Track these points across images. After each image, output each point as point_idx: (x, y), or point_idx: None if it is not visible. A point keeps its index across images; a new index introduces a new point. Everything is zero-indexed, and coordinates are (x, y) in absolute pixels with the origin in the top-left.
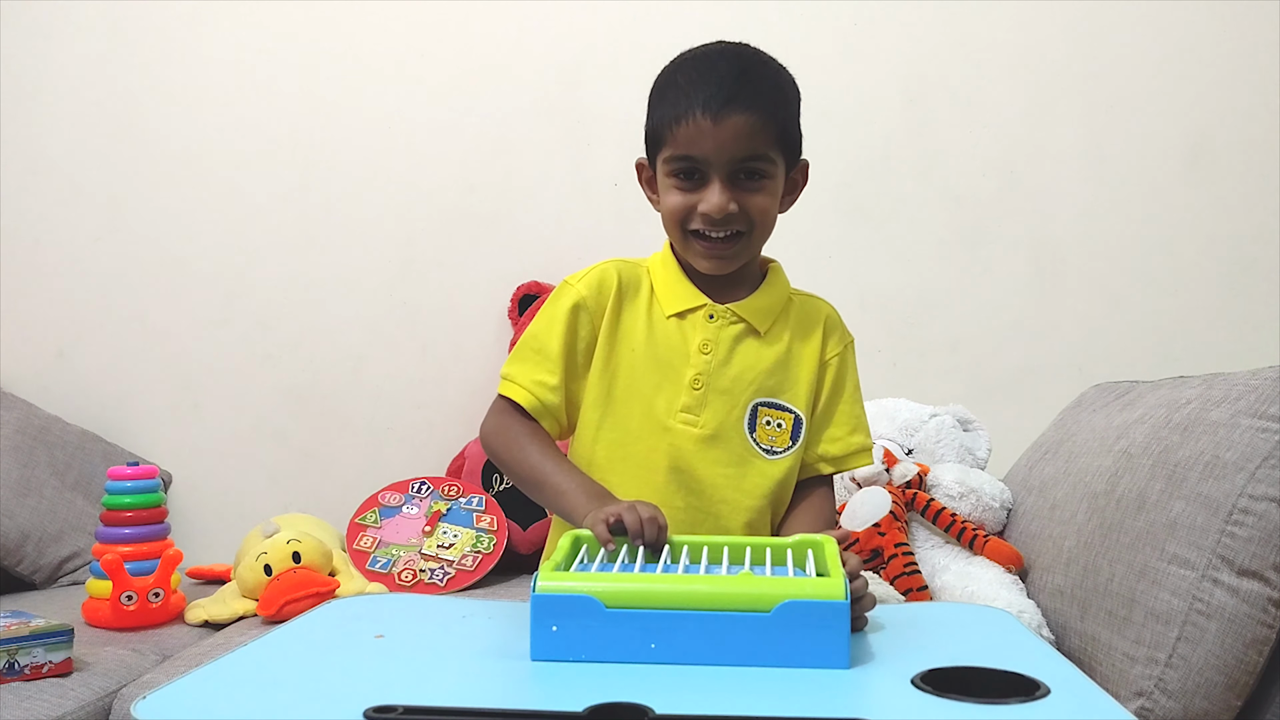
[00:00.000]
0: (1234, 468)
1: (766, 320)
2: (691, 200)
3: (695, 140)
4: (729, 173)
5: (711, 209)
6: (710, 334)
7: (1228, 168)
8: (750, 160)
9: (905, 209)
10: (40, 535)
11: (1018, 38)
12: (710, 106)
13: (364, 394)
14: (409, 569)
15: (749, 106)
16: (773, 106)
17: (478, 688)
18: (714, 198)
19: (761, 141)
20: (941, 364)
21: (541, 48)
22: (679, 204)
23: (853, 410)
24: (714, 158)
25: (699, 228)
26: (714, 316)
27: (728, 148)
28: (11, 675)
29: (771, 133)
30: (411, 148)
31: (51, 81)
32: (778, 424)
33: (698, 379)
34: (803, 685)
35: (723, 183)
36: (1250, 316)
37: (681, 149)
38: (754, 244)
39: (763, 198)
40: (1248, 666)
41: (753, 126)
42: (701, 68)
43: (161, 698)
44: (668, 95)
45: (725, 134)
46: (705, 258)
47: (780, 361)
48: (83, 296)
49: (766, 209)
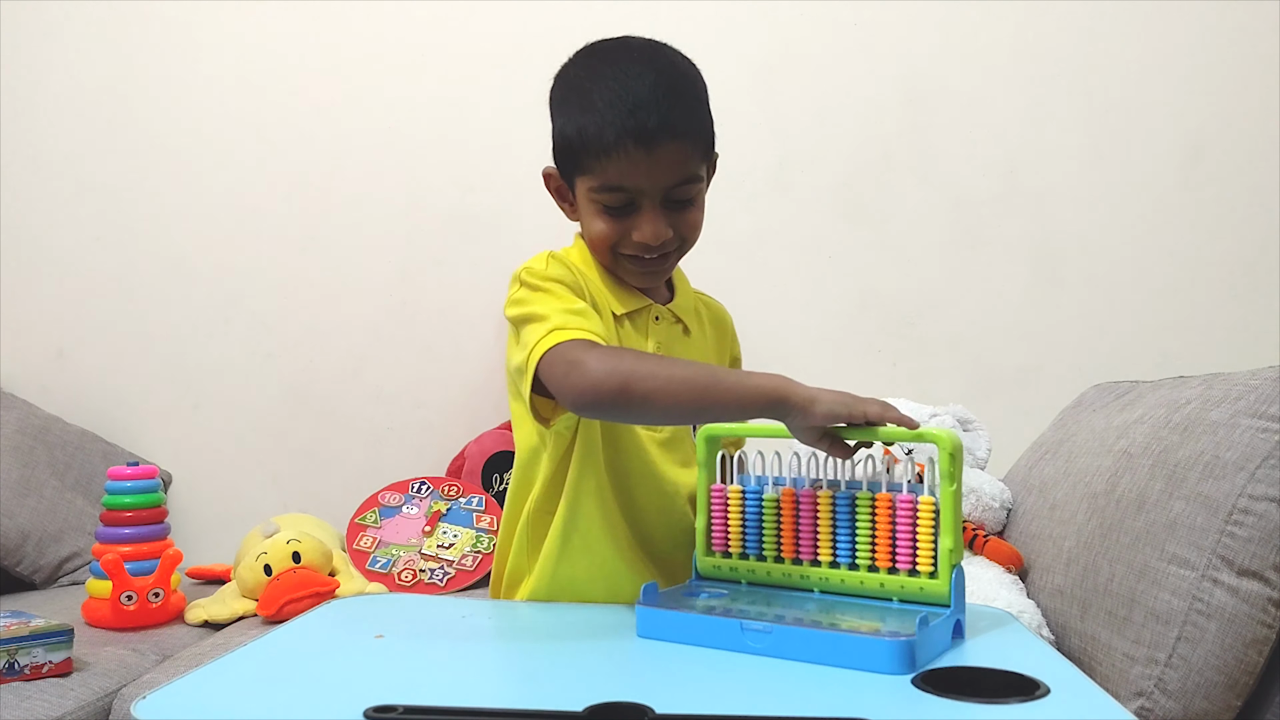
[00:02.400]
0: (1234, 468)
1: (692, 319)
2: (623, 228)
3: (628, 173)
4: (662, 199)
5: (648, 238)
6: (661, 335)
7: (1228, 168)
8: (684, 184)
9: (905, 209)
10: (40, 535)
11: (1018, 38)
12: (642, 139)
13: (364, 394)
14: (409, 569)
15: (681, 132)
16: (698, 123)
17: (478, 688)
18: (649, 227)
19: (693, 162)
20: (941, 364)
21: (541, 48)
22: (609, 232)
23: None
24: (648, 187)
25: (632, 252)
26: (659, 318)
27: (661, 178)
28: (11, 675)
29: (699, 151)
30: (412, 148)
31: (52, 81)
32: None
33: None
34: (803, 685)
35: (656, 210)
36: (1250, 316)
37: (614, 180)
38: (684, 252)
39: (694, 213)
40: (1248, 666)
41: (684, 153)
42: (620, 86)
43: (161, 698)
44: (587, 113)
45: (659, 164)
46: (639, 275)
47: (707, 358)
48: (83, 296)
49: (697, 223)
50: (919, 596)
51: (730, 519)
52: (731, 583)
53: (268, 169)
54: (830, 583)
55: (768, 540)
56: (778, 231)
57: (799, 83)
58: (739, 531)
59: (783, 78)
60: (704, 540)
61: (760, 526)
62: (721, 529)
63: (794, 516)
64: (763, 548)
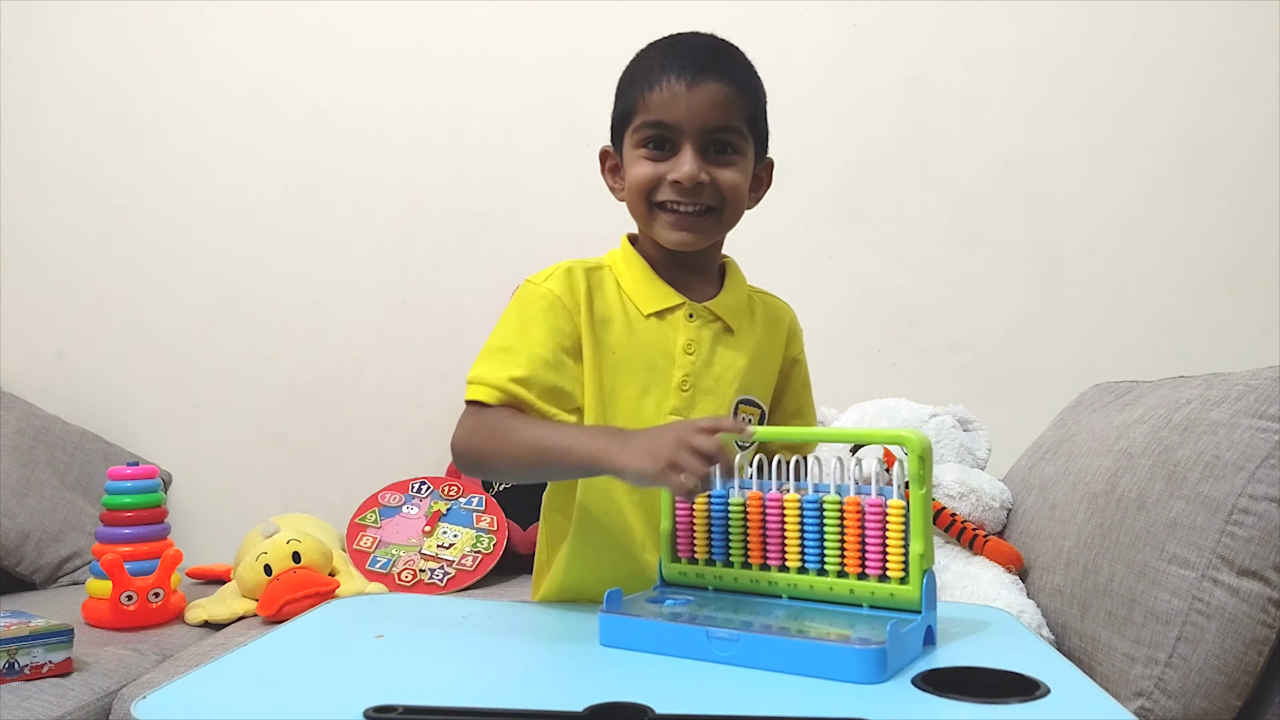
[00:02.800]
0: (1234, 468)
1: (737, 318)
2: (660, 170)
3: (668, 105)
4: (701, 143)
5: (682, 176)
6: (692, 334)
7: (1227, 168)
8: (723, 131)
9: (905, 209)
10: (40, 535)
11: (1018, 39)
12: (685, 73)
13: (364, 394)
14: (409, 569)
15: (723, 76)
16: (745, 84)
17: (477, 688)
18: (685, 165)
19: (734, 114)
20: (941, 364)
21: (542, 47)
22: (647, 174)
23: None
24: (686, 124)
25: (667, 198)
26: (693, 316)
27: (701, 115)
28: (11, 675)
29: (744, 109)
30: (412, 148)
31: (52, 81)
32: (749, 419)
33: (685, 380)
34: (803, 685)
35: (695, 151)
36: (1250, 316)
37: (653, 114)
38: (724, 223)
39: (734, 173)
40: (1248, 666)
41: (727, 96)
42: (676, 43)
43: (161, 698)
44: (638, 72)
45: (699, 100)
46: (673, 229)
47: (753, 359)
48: (83, 296)
49: (737, 186)
50: (889, 602)
51: (696, 524)
52: (698, 589)
53: (268, 169)
54: (799, 589)
55: (734, 545)
56: (778, 231)
57: (799, 83)
58: (705, 537)
59: (783, 78)
60: (669, 546)
61: (727, 531)
62: (687, 534)
63: (761, 521)
64: (729, 553)
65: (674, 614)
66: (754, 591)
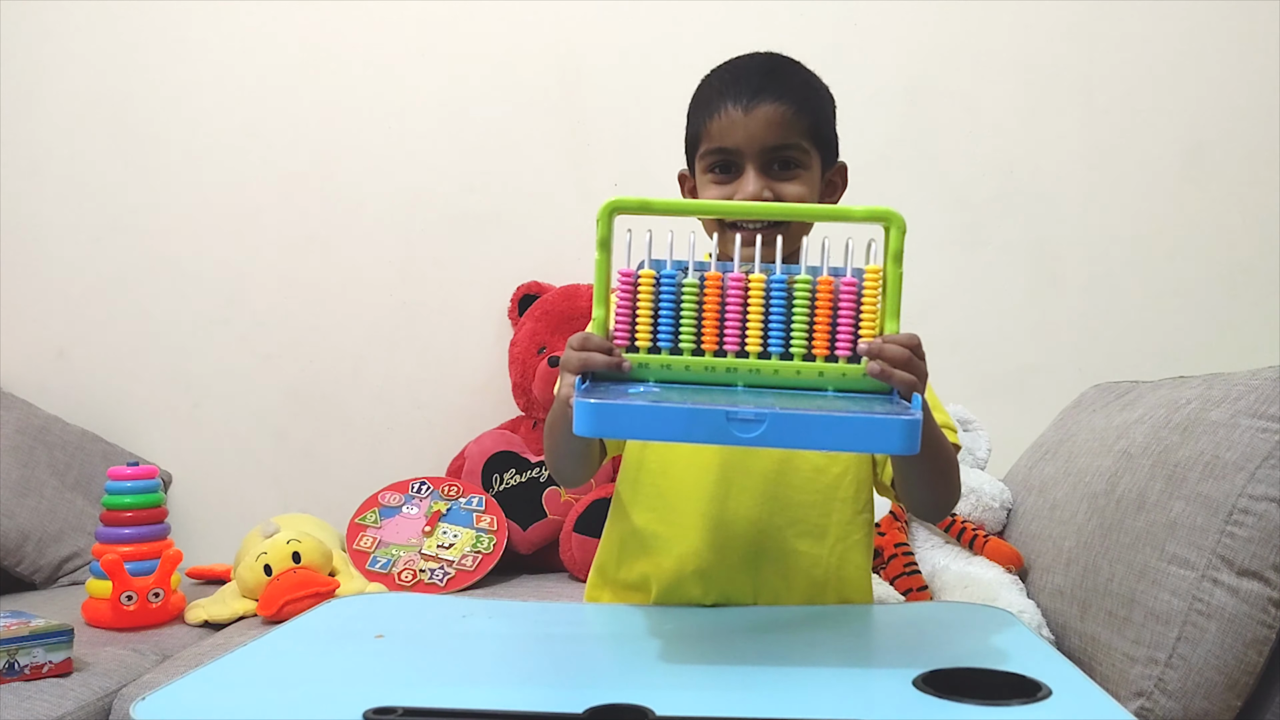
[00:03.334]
0: (1234, 468)
1: None
2: (727, 193)
3: (727, 132)
4: (762, 163)
5: (746, 196)
6: None
7: (1227, 167)
8: (782, 149)
9: (904, 209)
10: (40, 535)
11: (1017, 38)
12: (740, 98)
13: (364, 394)
14: (409, 569)
15: (778, 97)
16: (802, 99)
17: (477, 688)
18: (748, 185)
19: (793, 131)
20: (941, 364)
21: (542, 47)
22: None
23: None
24: (745, 147)
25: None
26: None
27: (758, 136)
28: (11, 675)
29: (803, 124)
30: (411, 148)
31: (51, 81)
32: None
33: None
34: (804, 685)
35: (756, 171)
36: (1250, 316)
37: (715, 142)
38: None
39: (797, 187)
40: (1247, 666)
41: (783, 115)
42: (733, 69)
43: (161, 698)
44: (702, 98)
45: (755, 123)
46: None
47: None
48: (82, 296)
49: (801, 199)
50: (861, 384)
51: (640, 308)
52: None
53: (268, 168)
54: (762, 375)
55: (685, 331)
56: None
57: None
58: (649, 322)
59: None
60: (605, 334)
61: (677, 316)
62: (627, 320)
63: (719, 304)
64: (679, 340)
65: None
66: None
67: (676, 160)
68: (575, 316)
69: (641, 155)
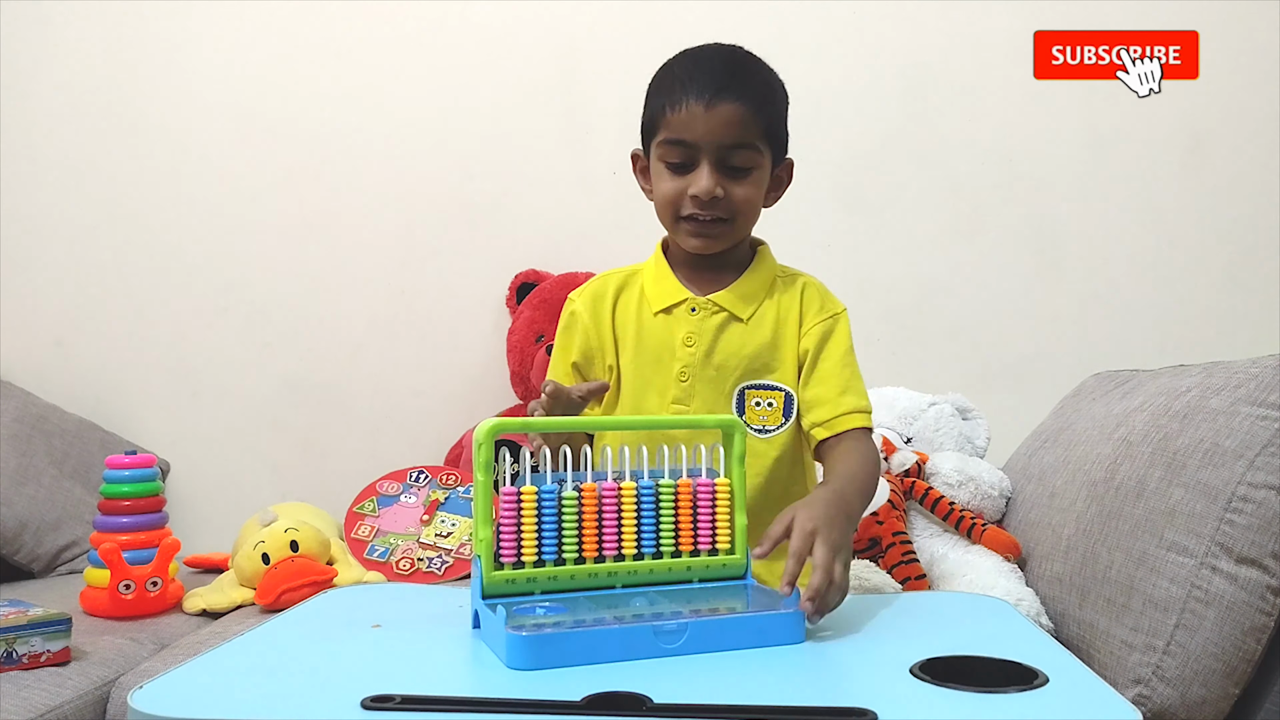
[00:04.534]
0: (1233, 455)
1: (749, 306)
2: (682, 185)
3: (688, 125)
4: (717, 158)
5: (700, 191)
6: (693, 327)
7: (1227, 156)
8: (738, 148)
9: (904, 198)
10: (38, 524)
11: (1016, 26)
12: (703, 94)
13: (362, 383)
14: (407, 558)
15: (739, 96)
16: (761, 100)
17: (475, 677)
18: (702, 180)
19: (750, 131)
20: (940, 352)
21: (539, 36)
22: (671, 190)
23: (839, 374)
24: (704, 142)
25: (690, 212)
26: (696, 309)
27: (717, 133)
28: (9, 664)
29: (759, 124)
30: (409, 136)
31: (49, 71)
32: (768, 403)
33: (684, 371)
34: (801, 675)
35: (711, 167)
36: (1250, 304)
37: (675, 133)
38: (737, 231)
39: (747, 188)
40: (1246, 654)
41: (742, 115)
42: (697, 61)
43: (159, 687)
44: (663, 85)
45: (716, 120)
46: (693, 236)
47: (767, 344)
48: (81, 285)
49: (750, 199)
50: (721, 572)
51: (524, 525)
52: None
53: (265, 158)
54: (637, 574)
55: (568, 542)
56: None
57: (797, 72)
58: (534, 537)
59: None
60: (492, 553)
61: (559, 528)
62: (513, 537)
63: (596, 513)
64: (562, 550)
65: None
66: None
67: None
68: None
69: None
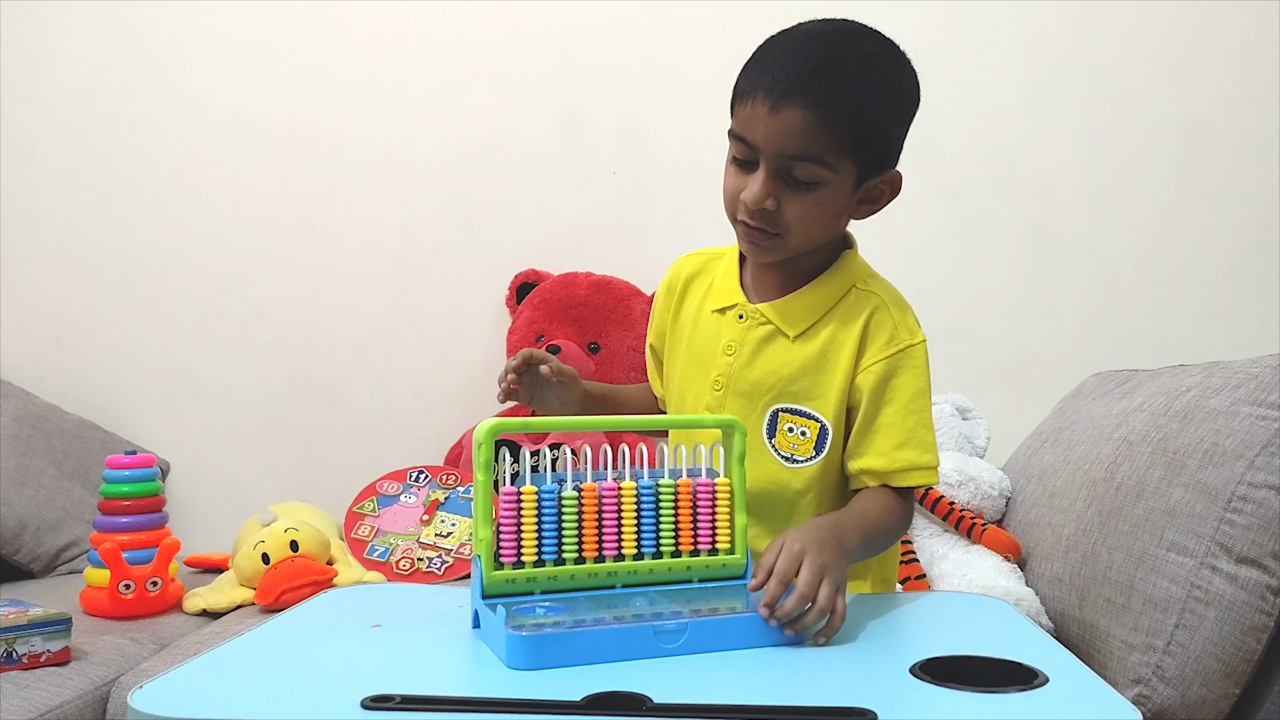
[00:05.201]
0: (1233, 455)
1: (801, 322)
2: (739, 185)
3: (749, 124)
4: (776, 167)
5: (748, 198)
6: (737, 335)
7: (1227, 156)
8: (799, 159)
9: (903, 198)
10: (38, 524)
11: (1016, 25)
12: (771, 94)
13: (362, 382)
14: (407, 558)
15: (810, 103)
16: (839, 106)
17: (475, 677)
18: (754, 187)
19: (816, 142)
20: (940, 352)
21: (539, 36)
22: (730, 188)
23: (902, 422)
24: (763, 147)
25: (741, 217)
26: (744, 317)
27: (776, 141)
28: (9, 664)
29: (833, 134)
30: (409, 136)
31: (49, 71)
32: (801, 431)
33: (718, 380)
34: (801, 675)
35: (769, 174)
36: (1250, 305)
37: (738, 128)
38: (791, 246)
39: (805, 205)
40: (1246, 654)
41: (807, 124)
42: (785, 46)
43: (159, 687)
44: (747, 67)
45: (776, 126)
46: (743, 241)
47: (810, 366)
48: (81, 285)
49: (806, 216)
50: (720, 572)
51: (524, 524)
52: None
53: (265, 158)
54: (637, 574)
55: (568, 542)
56: None
57: None
58: (534, 537)
59: None
60: (492, 553)
61: (559, 528)
62: (513, 537)
63: (596, 513)
64: (562, 550)
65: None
66: (589, 586)
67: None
68: (573, 305)
69: (639, 143)
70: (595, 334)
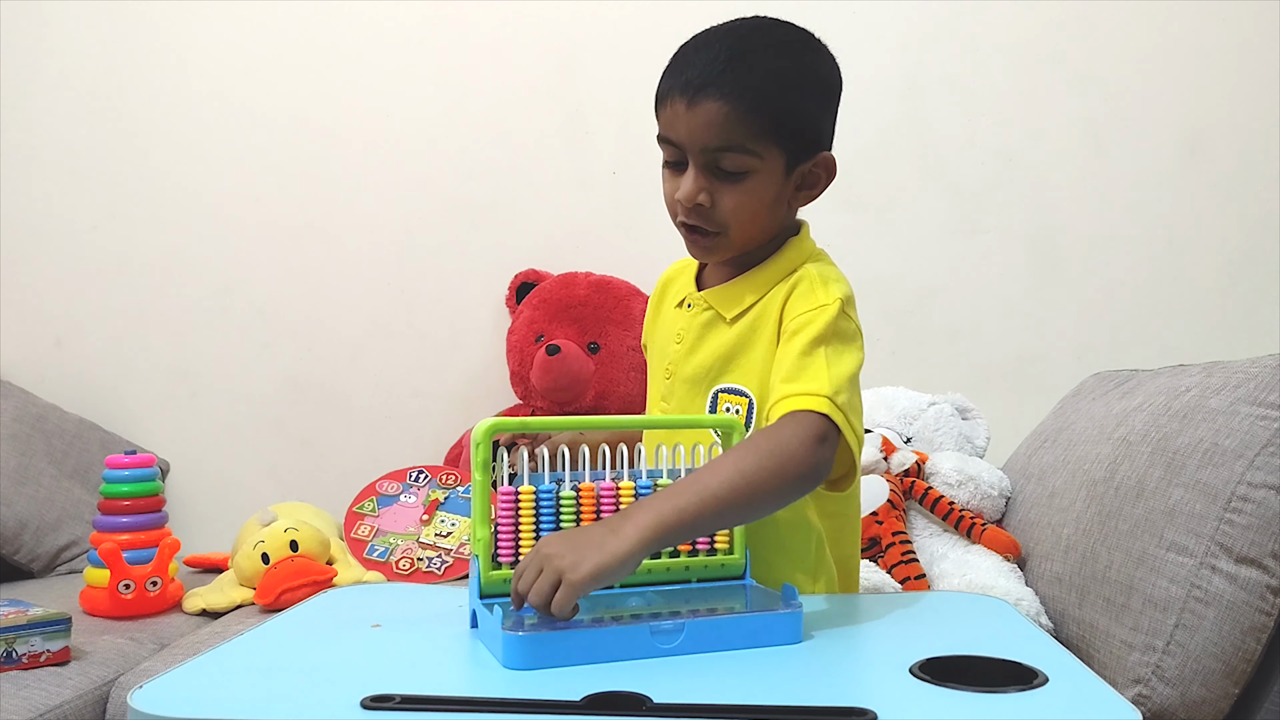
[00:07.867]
0: (1233, 455)
1: (737, 305)
2: (675, 187)
3: (671, 124)
4: (703, 162)
5: (681, 196)
6: (684, 323)
7: (1227, 156)
8: (724, 150)
9: (904, 198)
10: (38, 524)
11: (1016, 25)
12: (686, 91)
13: (362, 382)
14: (406, 557)
15: (724, 93)
16: (756, 96)
17: (475, 677)
18: (685, 185)
19: (736, 131)
20: (940, 352)
21: (539, 36)
22: (666, 193)
23: (794, 363)
24: (687, 144)
25: (680, 218)
26: (690, 305)
27: (698, 135)
28: (9, 664)
29: (751, 123)
30: (409, 136)
31: (49, 71)
32: (735, 410)
33: (668, 369)
34: (800, 674)
35: (698, 170)
36: (1249, 304)
37: (662, 129)
38: (735, 242)
39: (738, 196)
40: (1245, 654)
41: (725, 114)
42: (696, 47)
43: (159, 687)
44: (665, 72)
45: (695, 120)
46: (689, 245)
47: (742, 344)
48: (80, 285)
49: (741, 208)
50: (719, 573)
51: (521, 525)
52: None
53: (265, 157)
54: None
55: None
56: None
57: None
58: (532, 537)
59: None
60: (490, 553)
61: (558, 528)
62: (511, 537)
63: (595, 513)
64: None
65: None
66: None
67: None
68: (573, 305)
69: (639, 143)
70: (595, 334)
